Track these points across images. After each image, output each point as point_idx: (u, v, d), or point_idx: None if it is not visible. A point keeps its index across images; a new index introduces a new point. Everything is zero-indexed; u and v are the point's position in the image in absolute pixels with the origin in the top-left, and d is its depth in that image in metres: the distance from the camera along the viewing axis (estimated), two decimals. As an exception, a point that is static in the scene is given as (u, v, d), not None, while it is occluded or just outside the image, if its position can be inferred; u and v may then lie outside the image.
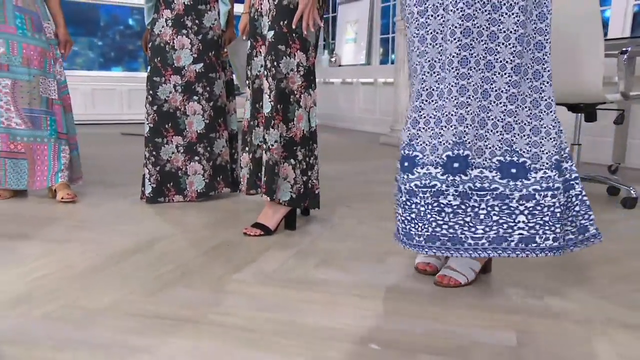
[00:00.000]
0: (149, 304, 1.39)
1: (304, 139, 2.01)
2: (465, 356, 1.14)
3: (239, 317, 1.32)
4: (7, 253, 1.78)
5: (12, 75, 2.42)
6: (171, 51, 2.47)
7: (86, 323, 1.26)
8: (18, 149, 2.49)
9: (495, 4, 1.42)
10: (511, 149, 1.49)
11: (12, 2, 2.39)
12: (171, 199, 2.54)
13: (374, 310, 1.37)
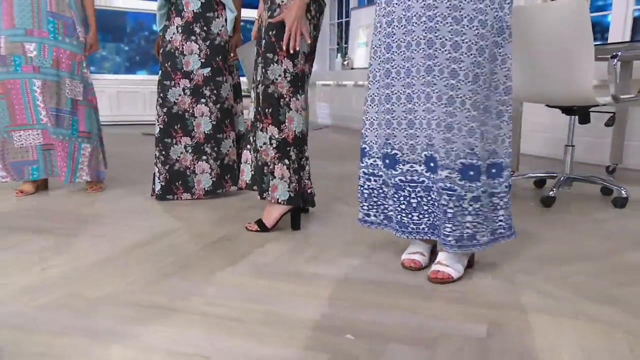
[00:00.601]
0: (146, 294, 1.44)
1: (295, 139, 2.04)
2: (432, 346, 1.16)
3: (227, 307, 1.36)
4: (23, 245, 1.85)
5: (43, 77, 2.53)
6: (180, 56, 2.52)
7: (86, 311, 1.32)
8: (52, 142, 2.63)
9: (457, 17, 1.46)
10: (472, 151, 1.50)
11: (47, 7, 2.49)
12: (179, 197, 2.60)
13: (353, 302, 1.40)
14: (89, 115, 2.69)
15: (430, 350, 1.14)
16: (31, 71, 2.51)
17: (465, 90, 1.46)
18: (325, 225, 2.19)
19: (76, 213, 2.33)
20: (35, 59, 2.50)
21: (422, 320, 1.30)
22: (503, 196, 1.57)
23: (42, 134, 2.60)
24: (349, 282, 1.55)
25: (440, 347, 1.16)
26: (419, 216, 1.62)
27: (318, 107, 8.05)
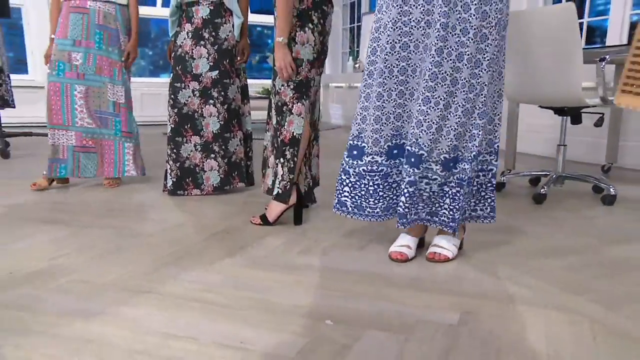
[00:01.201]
0: (145, 281, 1.48)
1: (291, 140, 2.07)
2: (407, 332, 1.18)
3: (219, 294, 1.40)
4: (40, 235, 1.92)
5: (87, 83, 2.67)
6: (190, 60, 2.57)
7: (89, 295, 1.37)
8: (89, 144, 2.73)
9: (429, 21, 1.56)
10: (417, 141, 1.62)
11: (95, 21, 2.63)
12: (189, 193, 2.65)
13: (337, 291, 1.43)
14: (129, 118, 2.81)
15: (403, 336, 1.16)
16: (75, 77, 2.65)
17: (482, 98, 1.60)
18: (326, 220, 2.22)
19: (91, 206, 2.40)
20: (80, 66, 2.65)
21: (401, 308, 1.32)
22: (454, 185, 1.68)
23: (76, 136, 2.70)
24: (338, 273, 1.57)
25: (414, 334, 1.18)
26: (422, 205, 1.68)
27: (331, 108, 8.07)
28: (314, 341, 1.13)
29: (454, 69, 1.54)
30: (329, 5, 2.16)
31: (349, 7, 7.85)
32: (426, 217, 1.69)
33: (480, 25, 1.52)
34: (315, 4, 2.08)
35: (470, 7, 1.50)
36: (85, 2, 2.63)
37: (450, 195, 1.64)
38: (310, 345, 1.12)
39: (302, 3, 2.07)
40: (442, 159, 1.60)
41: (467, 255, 1.75)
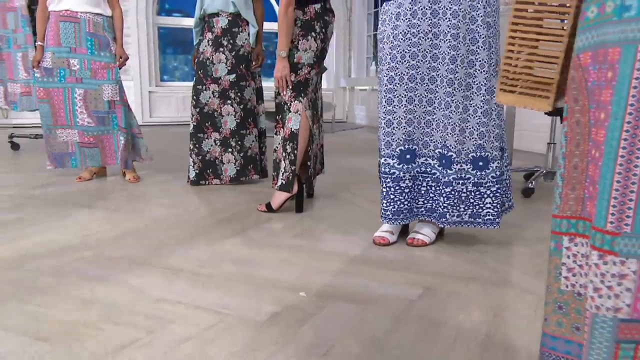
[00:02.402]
0: (154, 255, 1.61)
1: (291, 135, 2.16)
2: (368, 303, 1.26)
3: (211, 268, 1.50)
4: (74, 216, 2.08)
5: (84, 86, 2.78)
6: (211, 65, 2.70)
7: (105, 266, 1.50)
8: (90, 140, 2.85)
9: (436, 32, 1.57)
10: (445, 144, 1.60)
11: (86, 29, 2.73)
12: (210, 182, 2.78)
13: (317, 269, 1.51)
14: (125, 113, 2.89)
15: (364, 307, 1.24)
16: (74, 82, 2.76)
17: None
18: (325, 209, 2.30)
19: (122, 194, 2.57)
20: (78, 71, 2.75)
21: (369, 284, 1.39)
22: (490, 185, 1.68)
23: (79, 133, 2.82)
24: (322, 254, 1.66)
25: (374, 305, 1.25)
26: (423, 202, 1.72)
27: (356, 109, 8.11)
28: (284, 309, 1.22)
29: (467, 75, 1.58)
30: (330, 15, 2.24)
31: (373, 15, 7.86)
32: (469, 219, 1.67)
33: (487, 35, 1.57)
34: (318, 15, 2.17)
35: (477, 19, 1.55)
36: (76, 12, 2.69)
37: (489, 194, 1.64)
38: (280, 313, 1.21)
39: (305, 14, 2.16)
40: (470, 157, 1.62)
41: (445, 241, 1.79)
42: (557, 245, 0.70)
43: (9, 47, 4.73)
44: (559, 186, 0.70)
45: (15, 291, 1.30)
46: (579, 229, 0.67)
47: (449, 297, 1.30)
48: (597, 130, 0.60)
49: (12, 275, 1.41)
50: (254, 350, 1.02)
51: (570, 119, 0.68)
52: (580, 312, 0.68)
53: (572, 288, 0.69)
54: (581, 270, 0.68)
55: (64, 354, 1.00)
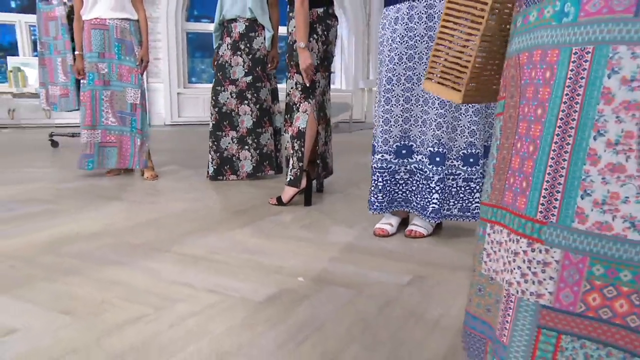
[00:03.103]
0: (169, 243, 1.69)
1: (299, 133, 2.21)
2: (360, 288, 1.30)
3: (222, 255, 1.58)
4: (100, 207, 2.19)
5: (111, 88, 2.89)
6: (229, 67, 2.78)
7: (124, 251, 1.59)
8: (112, 140, 2.95)
9: (431, 35, 1.60)
10: (439, 142, 1.63)
11: (114, 35, 2.83)
12: (227, 178, 2.87)
13: (319, 257, 1.56)
14: (142, 117, 2.97)
15: (356, 291, 1.29)
16: (102, 84, 2.87)
17: None
18: (333, 203, 2.35)
19: (146, 189, 2.67)
20: (106, 75, 2.87)
21: (364, 271, 1.44)
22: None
23: (102, 133, 2.92)
24: (326, 244, 1.71)
25: (366, 289, 1.30)
26: (415, 197, 1.76)
27: (374, 109, 8.10)
28: (282, 292, 1.28)
29: None
30: (333, 19, 2.28)
31: (390, 17, 7.83)
32: (458, 213, 1.70)
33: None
34: (320, 18, 2.21)
35: None
36: (105, 20, 2.80)
37: (478, 190, 1.67)
38: (278, 295, 1.27)
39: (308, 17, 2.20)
40: (461, 154, 1.66)
41: (443, 234, 1.82)
42: (482, 232, 0.72)
43: (50, 53, 4.94)
44: (490, 176, 0.72)
45: (46, 272, 1.40)
46: (497, 217, 0.69)
47: (438, 285, 1.34)
48: (534, 125, 0.63)
49: (44, 258, 1.52)
50: (250, 326, 1.08)
51: (505, 113, 0.70)
52: (491, 295, 0.71)
53: (487, 272, 0.71)
54: (495, 256, 0.70)
55: (82, 325, 1.08)
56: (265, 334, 1.06)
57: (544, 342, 0.61)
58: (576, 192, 0.58)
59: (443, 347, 1.01)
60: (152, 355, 0.96)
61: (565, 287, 0.59)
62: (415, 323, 1.11)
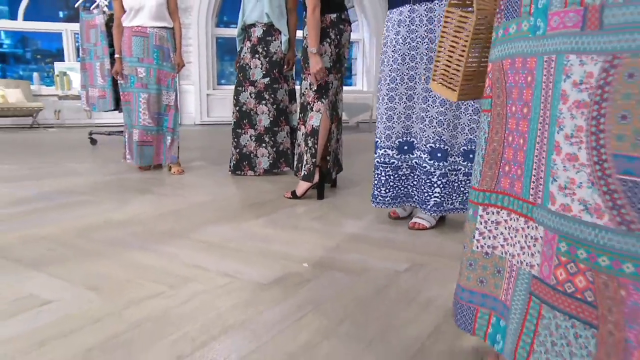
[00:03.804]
0: (188, 231, 1.78)
1: (312, 131, 2.27)
2: (360, 273, 1.35)
3: (235, 243, 1.65)
4: (129, 199, 2.30)
5: (148, 91, 3.01)
6: (249, 69, 2.86)
7: (147, 237, 1.69)
8: (149, 139, 3.08)
9: (432, 37, 1.63)
10: (440, 138, 1.66)
11: (153, 42, 2.97)
12: (245, 173, 2.96)
13: (325, 246, 1.62)
14: (174, 116, 3.10)
15: (355, 275, 1.33)
16: (140, 87, 2.99)
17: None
18: (345, 197, 2.40)
19: (172, 183, 2.78)
20: (144, 78, 2.99)
21: (366, 258, 1.48)
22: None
23: (139, 133, 3.05)
24: (333, 234, 1.76)
25: (365, 274, 1.34)
26: (416, 191, 1.80)
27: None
28: (286, 275, 1.34)
29: None
30: (346, 24, 2.32)
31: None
32: (460, 206, 1.73)
33: None
34: (333, 23, 2.26)
35: None
36: (145, 28, 2.93)
37: None
38: (283, 278, 1.33)
39: (322, 23, 2.26)
40: (461, 151, 1.69)
41: (447, 226, 1.84)
42: (473, 213, 0.77)
43: (90, 58, 5.16)
44: (479, 164, 0.77)
45: (78, 254, 1.50)
46: (492, 200, 0.75)
47: (434, 272, 1.37)
48: (522, 122, 0.70)
49: (77, 242, 1.62)
50: (254, 304, 1.15)
51: (493, 111, 0.76)
52: (486, 269, 0.76)
53: (481, 249, 0.76)
54: (490, 233, 0.75)
55: (106, 300, 1.17)
56: (267, 311, 1.12)
57: (532, 309, 0.67)
58: (548, 178, 0.64)
59: (431, 324, 1.05)
60: (166, 325, 1.04)
61: (544, 261, 0.65)
62: (407, 304, 1.15)
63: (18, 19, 7.49)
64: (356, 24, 8.59)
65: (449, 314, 1.11)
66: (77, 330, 1.02)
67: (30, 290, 1.22)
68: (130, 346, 0.96)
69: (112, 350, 0.94)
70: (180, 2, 7.62)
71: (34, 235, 1.69)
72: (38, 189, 2.52)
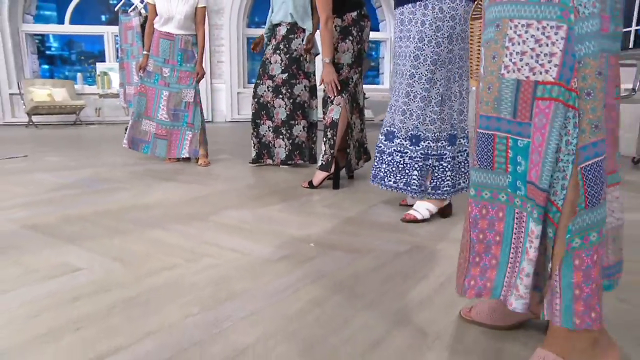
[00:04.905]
0: (207, 215, 1.89)
1: (332, 123, 2.34)
2: (361, 253, 1.42)
3: (249, 225, 1.75)
4: (157, 186, 2.45)
5: (170, 89, 3.20)
6: (269, 65, 2.98)
7: (169, 219, 1.81)
8: (163, 133, 3.25)
9: (421, 37, 1.71)
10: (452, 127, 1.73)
11: (179, 46, 3.17)
12: (265, 162, 3.09)
13: (333, 229, 1.70)
14: (195, 112, 3.25)
15: (357, 255, 1.41)
16: (163, 85, 3.18)
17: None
18: (360, 187, 2.47)
19: (198, 173, 2.93)
20: (167, 77, 3.18)
21: (369, 240, 1.55)
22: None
23: (156, 126, 3.23)
24: (343, 219, 1.84)
25: (368, 254, 1.41)
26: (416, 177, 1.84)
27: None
28: (292, 254, 1.43)
29: (449, 71, 1.70)
30: (366, 19, 2.38)
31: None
32: (432, 191, 1.79)
33: (436, 36, 1.66)
34: (354, 21, 2.33)
35: (456, 27, 1.67)
36: (173, 34, 3.15)
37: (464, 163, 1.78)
38: (289, 255, 1.42)
39: (343, 22, 2.33)
40: (446, 135, 1.74)
41: (454, 216, 1.88)
42: None
43: (127, 58, 5.45)
44: None
45: (108, 231, 1.64)
46: None
47: (433, 254, 1.42)
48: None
49: (107, 222, 1.77)
50: (259, 277, 1.24)
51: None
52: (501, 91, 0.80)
53: (499, 71, 0.81)
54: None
55: (128, 269, 1.29)
56: (269, 283, 1.21)
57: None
58: None
59: (420, 296, 1.11)
60: (178, 291, 1.15)
61: None
62: (402, 280, 1.22)
63: (65, 23, 7.93)
64: (384, 23, 8.57)
65: (441, 287, 1.16)
66: (103, 291, 1.15)
67: (66, 260, 1.36)
68: (146, 305, 1.07)
69: (131, 308, 1.06)
70: (213, 4, 7.86)
71: (72, 216, 1.85)
72: (77, 177, 2.72)
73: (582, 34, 0.60)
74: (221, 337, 0.94)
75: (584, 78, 0.61)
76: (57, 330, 0.96)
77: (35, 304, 1.08)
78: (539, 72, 0.64)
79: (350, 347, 0.90)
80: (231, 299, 1.11)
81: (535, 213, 0.67)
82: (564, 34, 0.60)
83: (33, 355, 0.87)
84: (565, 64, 0.61)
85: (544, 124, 0.64)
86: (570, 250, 0.65)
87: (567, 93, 0.62)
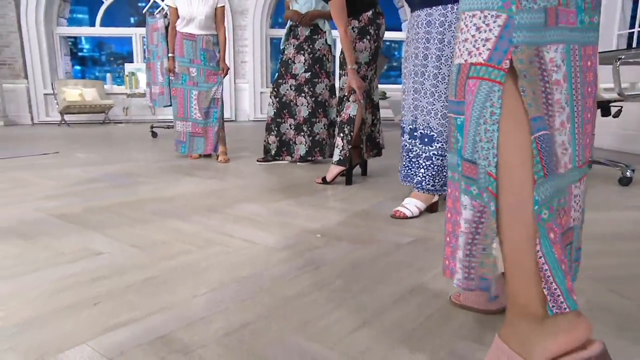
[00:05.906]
0: (222, 207, 1.99)
1: (348, 120, 2.41)
2: (364, 243, 1.48)
3: (262, 217, 1.84)
4: (178, 181, 2.57)
5: (199, 88, 3.34)
6: (292, 64, 3.06)
7: (187, 210, 1.92)
8: (199, 131, 3.40)
9: (428, 38, 1.79)
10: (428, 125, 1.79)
11: (201, 46, 3.30)
12: (284, 158, 3.18)
13: (342, 222, 1.76)
14: (221, 108, 3.40)
15: (360, 245, 1.47)
16: (192, 85, 3.33)
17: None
18: (372, 184, 2.52)
19: (218, 169, 3.04)
20: (195, 77, 3.32)
21: (374, 232, 1.61)
22: None
23: (192, 125, 3.38)
24: (352, 213, 1.90)
25: (372, 245, 1.47)
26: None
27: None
28: (299, 243, 1.50)
29: (450, 71, 1.74)
30: (381, 17, 2.44)
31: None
32: (435, 188, 1.87)
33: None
34: (371, 20, 2.39)
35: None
36: (194, 35, 3.28)
37: None
38: (295, 245, 1.49)
39: (360, 22, 2.39)
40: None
41: (460, 210, 1.92)
42: None
43: (153, 59, 5.66)
44: None
45: (129, 221, 1.76)
46: None
47: (435, 246, 1.47)
48: None
49: (130, 212, 1.89)
50: (265, 263, 1.32)
51: None
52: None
53: None
54: None
55: (146, 254, 1.39)
56: (274, 268, 1.29)
57: None
58: None
59: (414, 283, 1.17)
60: (189, 273, 1.24)
61: None
62: (401, 269, 1.27)
63: (96, 25, 8.27)
64: (405, 24, 8.56)
65: (436, 276, 1.21)
66: (121, 273, 1.25)
67: (88, 245, 1.48)
68: (159, 286, 1.17)
69: (145, 287, 1.15)
70: (237, 5, 8.04)
71: (97, 206, 1.98)
72: (104, 172, 2.87)
73: (522, 23, 0.64)
74: (224, 314, 1.02)
75: (521, 61, 0.64)
76: (78, 304, 1.07)
77: (60, 282, 1.19)
78: (474, 55, 0.68)
79: (340, 326, 0.96)
80: (235, 282, 1.19)
81: (473, 189, 0.70)
82: (502, 22, 0.64)
83: (56, 323, 0.98)
84: (498, 48, 0.65)
85: (470, 101, 0.69)
86: (542, 222, 0.66)
87: (495, 72, 0.66)
